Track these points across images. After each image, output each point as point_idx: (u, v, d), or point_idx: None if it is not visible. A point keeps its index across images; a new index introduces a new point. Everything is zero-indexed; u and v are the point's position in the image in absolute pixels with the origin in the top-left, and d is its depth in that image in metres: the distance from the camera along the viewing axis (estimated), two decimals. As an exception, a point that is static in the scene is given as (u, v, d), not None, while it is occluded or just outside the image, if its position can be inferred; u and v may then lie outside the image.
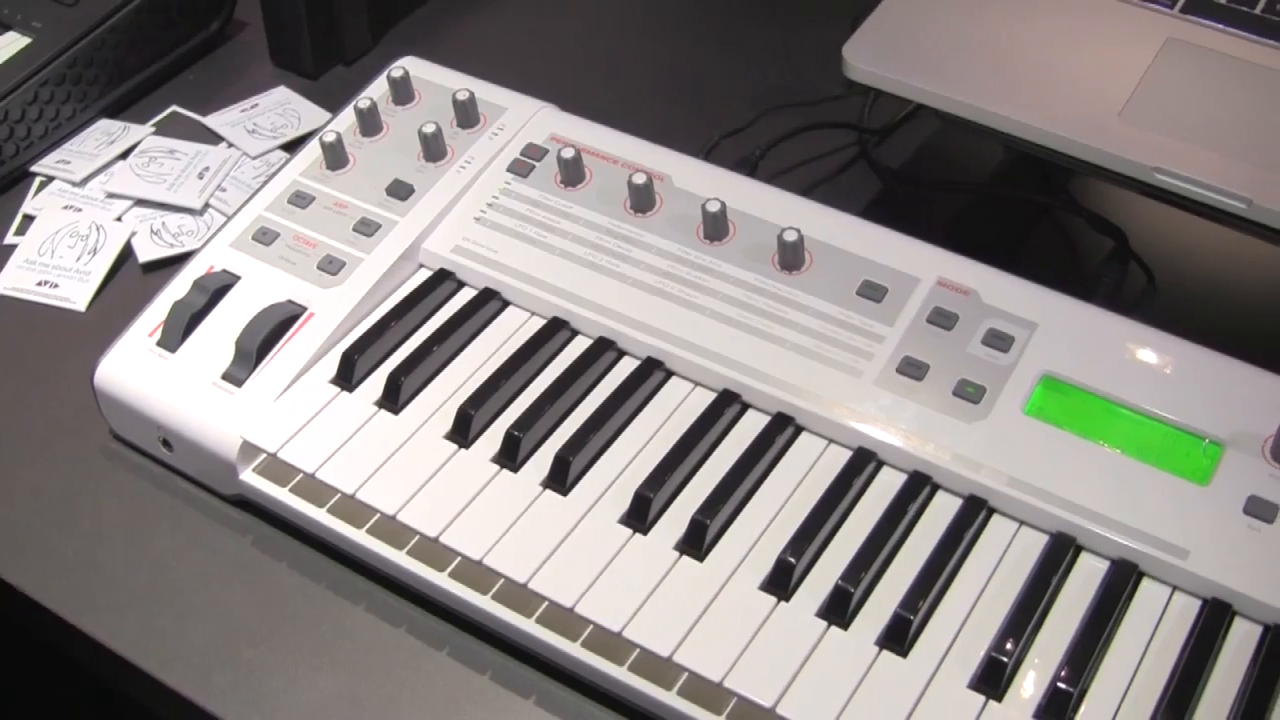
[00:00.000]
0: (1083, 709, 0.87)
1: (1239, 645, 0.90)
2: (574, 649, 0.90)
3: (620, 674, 0.89)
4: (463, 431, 0.99)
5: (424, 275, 1.09)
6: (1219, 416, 0.97)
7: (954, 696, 0.87)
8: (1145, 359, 0.99)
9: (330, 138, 1.13)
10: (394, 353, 1.05)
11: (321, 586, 0.99)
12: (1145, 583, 0.93)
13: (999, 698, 0.87)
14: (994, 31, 1.16)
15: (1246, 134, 1.09)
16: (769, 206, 1.08)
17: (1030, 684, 0.88)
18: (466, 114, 1.15)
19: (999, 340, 1.00)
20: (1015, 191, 1.31)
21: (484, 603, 0.93)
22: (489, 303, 1.07)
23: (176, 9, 1.38)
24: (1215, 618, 0.90)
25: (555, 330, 1.04)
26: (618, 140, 1.14)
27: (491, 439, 0.99)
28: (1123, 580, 0.91)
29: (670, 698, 0.88)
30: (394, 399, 1.01)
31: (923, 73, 1.13)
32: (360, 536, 0.96)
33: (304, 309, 1.06)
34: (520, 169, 1.13)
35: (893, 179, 1.30)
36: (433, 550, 0.95)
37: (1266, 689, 0.87)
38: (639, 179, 1.08)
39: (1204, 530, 0.92)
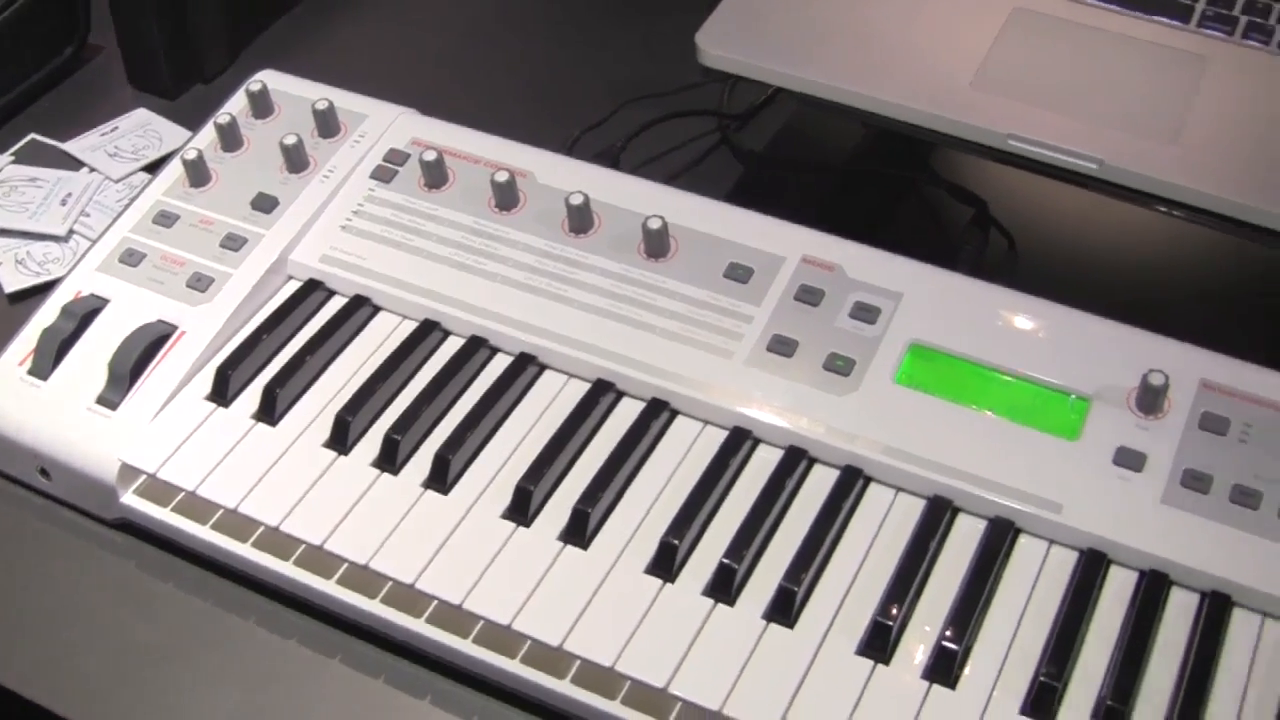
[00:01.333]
0: (969, 666, 0.88)
1: (1116, 593, 0.92)
2: (466, 646, 0.91)
3: (513, 667, 0.90)
4: (341, 438, 0.99)
5: (294, 286, 1.09)
6: (1084, 372, 0.99)
7: (843, 663, 0.88)
8: (1009, 321, 1.01)
9: (191, 155, 1.13)
10: (268, 365, 1.05)
11: (210, 604, 0.99)
12: (1022, 539, 0.95)
13: (887, 661, 0.89)
14: (844, 10, 1.18)
15: (1094, 97, 1.11)
16: (632, 196, 1.09)
17: (917, 646, 0.89)
18: (327, 123, 1.15)
19: (866, 313, 1.02)
20: (876, 168, 1.33)
21: (373, 607, 0.93)
22: (360, 309, 1.07)
23: (27, 36, 1.37)
24: (1092, 568, 0.92)
25: (427, 332, 1.05)
26: (479, 140, 1.15)
27: (370, 444, 0.99)
28: (1000, 538, 0.93)
29: (564, 686, 0.89)
30: (270, 411, 1.01)
31: (776, 56, 1.15)
32: (245, 550, 0.96)
33: (175, 328, 1.05)
34: (383, 175, 1.13)
35: (755, 163, 1.32)
36: (319, 558, 0.95)
37: (1144, 632, 0.89)
38: (501, 177, 1.08)
39: (1076, 484, 0.94)
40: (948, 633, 0.89)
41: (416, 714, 0.92)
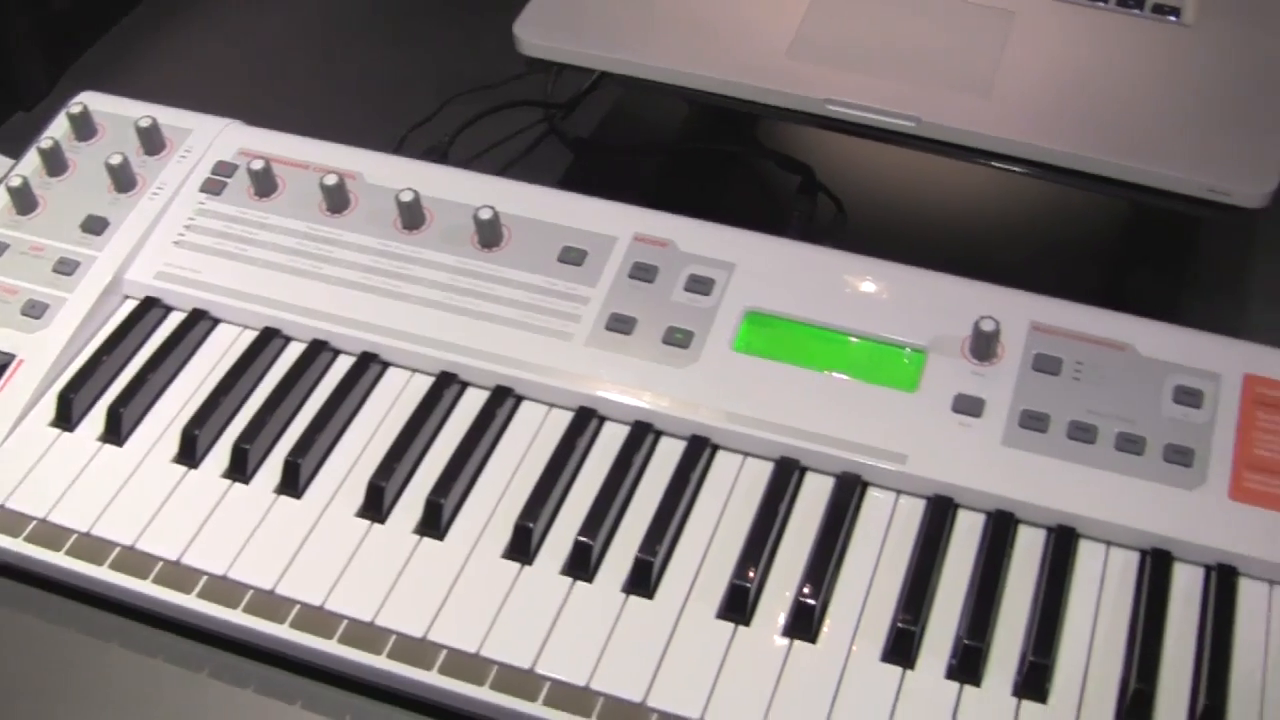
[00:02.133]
0: (828, 620, 0.90)
1: (965, 536, 0.95)
2: (331, 646, 0.91)
3: (380, 663, 0.90)
4: (189, 453, 0.99)
5: (131, 306, 1.09)
6: (918, 325, 1.01)
7: (705, 628, 0.90)
8: (841, 282, 1.03)
9: (16, 182, 1.12)
10: (110, 386, 1.04)
11: (72, 630, 0.98)
12: (871, 491, 0.97)
13: (747, 623, 0.90)
14: (657, -9, 1.20)
15: (908, 57, 1.14)
16: (462, 189, 1.10)
17: (775, 605, 0.91)
18: (151, 141, 1.15)
19: (700, 285, 1.03)
20: (703, 144, 1.34)
21: (235, 616, 0.93)
22: (199, 323, 1.07)
23: None
24: (939, 514, 0.95)
25: (268, 340, 1.05)
26: (305, 146, 1.15)
27: (219, 455, 0.99)
28: (848, 493, 0.95)
29: (432, 677, 0.89)
30: (116, 431, 1.01)
31: (594, 41, 1.16)
32: (102, 573, 0.96)
33: (12, 356, 1.05)
34: (213, 187, 1.13)
35: (583, 149, 1.33)
36: (177, 574, 0.95)
37: (995, 571, 0.92)
38: (330, 180, 1.09)
39: (918, 433, 0.97)
40: (805, 589, 0.90)
41: (286, 718, 0.92)
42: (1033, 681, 0.87)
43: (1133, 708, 0.87)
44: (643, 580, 0.91)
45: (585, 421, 0.99)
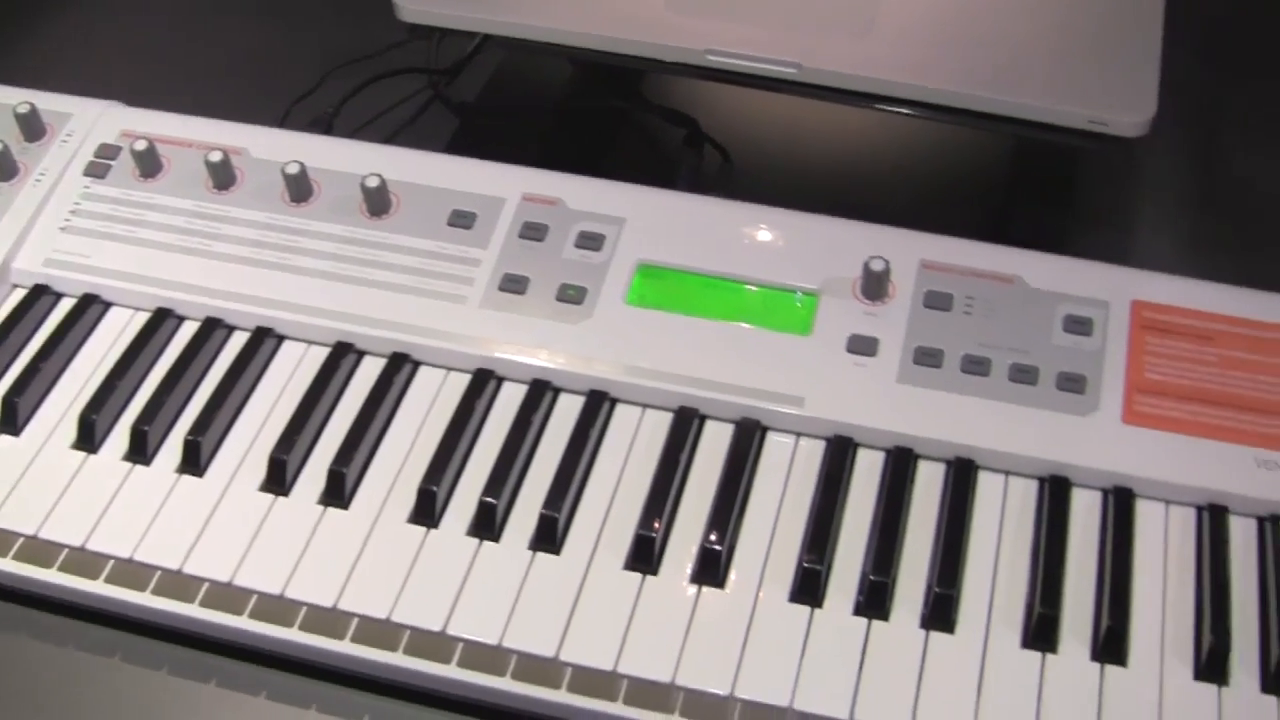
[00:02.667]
0: (735, 565, 0.91)
1: (865, 474, 0.96)
2: (241, 622, 0.91)
3: (291, 634, 0.90)
4: (88, 438, 0.99)
5: (20, 295, 1.08)
6: (808, 269, 1.02)
7: (612, 581, 0.90)
8: (731, 230, 1.04)
9: (-107, 178, 1.11)
10: (3, 377, 1.03)
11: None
12: (770, 435, 0.98)
13: (654, 572, 0.91)
14: (534, -50, 1.19)
15: (786, 3, 1.14)
16: (348, 159, 1.10)
17: (682, 554, 0.92)
18: (31, 127, 1.14)
19: (591, 241, 1.04)
20: (588, 102, 1.34)
21: (143, 599, 0.93)
22: (90, 308, 1.06)
23: None
24: (839, 454, 0.96)
25: (161, 321, 1.05)
26: (189, 124, 1.14)
27: (119, 438, 0.99)
28: (748, 438, 0.96)
29: (346, 646, 0.90)
30: (11, 422, 1.00)
31: (473, 3, 1.16)
32: (6, 564, 0.95)
33: (-99, 354, 1.04)
34: (97, 171, 1.12)
35: (469, 113, 1.33)
36: (82, 560, 0.94)
37: (896, 507, 0.93)
38: (215, 157, 1.08)
39: (814, 376, 0.98)
40: (710, 536, 0.91)
41: (202, 698, 0.92)
42: (939, 612, 0.89)
43: (1038, 632, 0.88)
44: (548, 537, 0.92)
45: (483, 383, 0.99)
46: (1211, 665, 0.87)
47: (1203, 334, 1.00)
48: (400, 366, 1.01)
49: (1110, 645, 0.88)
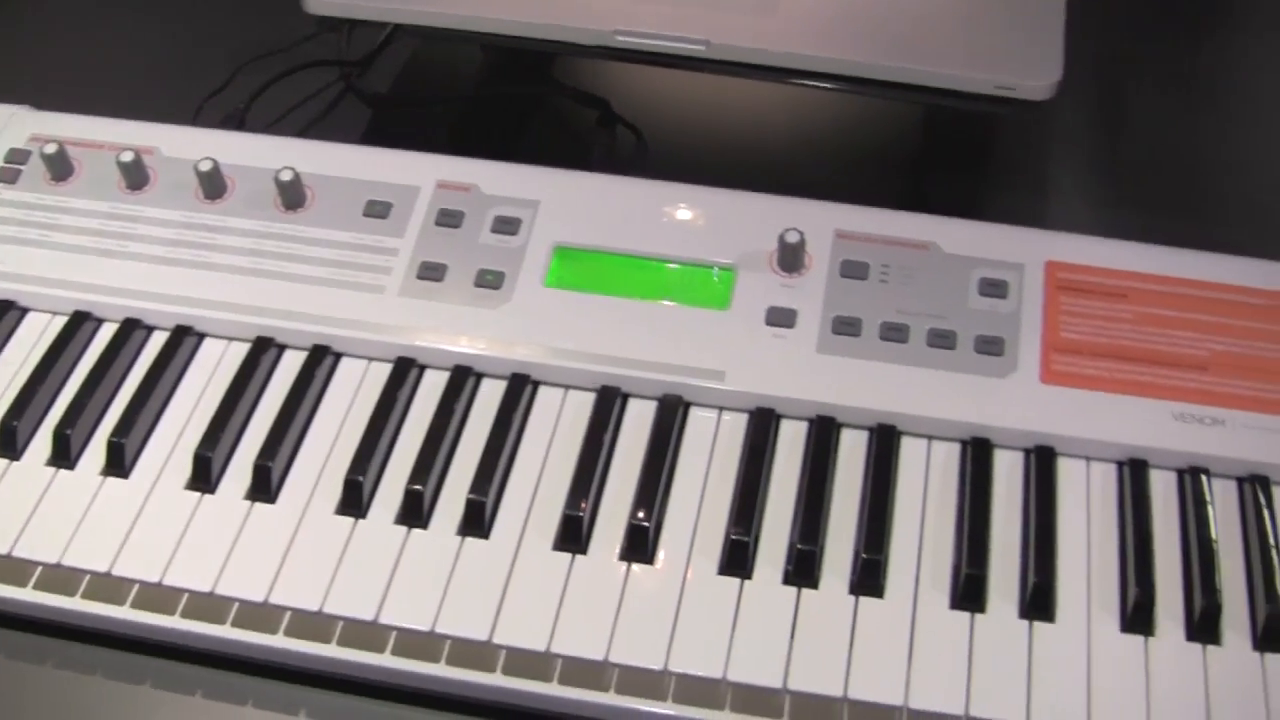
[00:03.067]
0: (663, 540, 0.92)
1: (789, 444, 0.97)
2: (172, 621, 0.91)
3: (223, 631, 0.90)
4: (9, 445, 0.98)
5: (-65, 305, 1.07)
6: (724, 244, 1.03)
7: (542, 562, 0.91)
8: (645, 209, 1.05)
9: None
10: (-81, 387, 1.03)
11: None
12: (694, 411, 0.98)
13: (583, 551, 0.91)
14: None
15: (693, -19, 1.15)
16: (261, 154, 1.10)
17: (611, 532, 0.92)
18: (-64, 137, 1.13)
19: (507, 225, 1.04)
20: (500, 88, 1.34)
21: (74, 604, 0.92)
22: (6, 314, 1.05)
23: None
24: (762, 426, 0.96)
25: (79, 324, 1.04)
26: (99, 125, 1.14)
27: (42, 444, 0.98)
28: (671, 414, 0.97)
29: (278, 640, 0.90)
30: (-69, 432, 0.99)
31: (377, -8, 1.16)
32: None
33: None
34: (7, 176, 1.11)
35: (382, 104, 1.32)
36: (10, 568, 0.93)
37: (821, 476, 0.94)
38: (127, 157, 1.07)
39: (734, 349, 0.98)
40: (639, 513, 0.92)
41: (138, 700, 0.92)
42: (868, 578, 0.90)
43: (966, 592, 0.89)
44: (476, 521, 0.92)
45: (405, 372, 1.00)
46: (1137, 617, 0.89)
47: (1116, 292, 1.01)
48: (321, 359, 1.01)
49: (1037, 602, 0.89)
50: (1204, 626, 0.88)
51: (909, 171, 1.27)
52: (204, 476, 0.95)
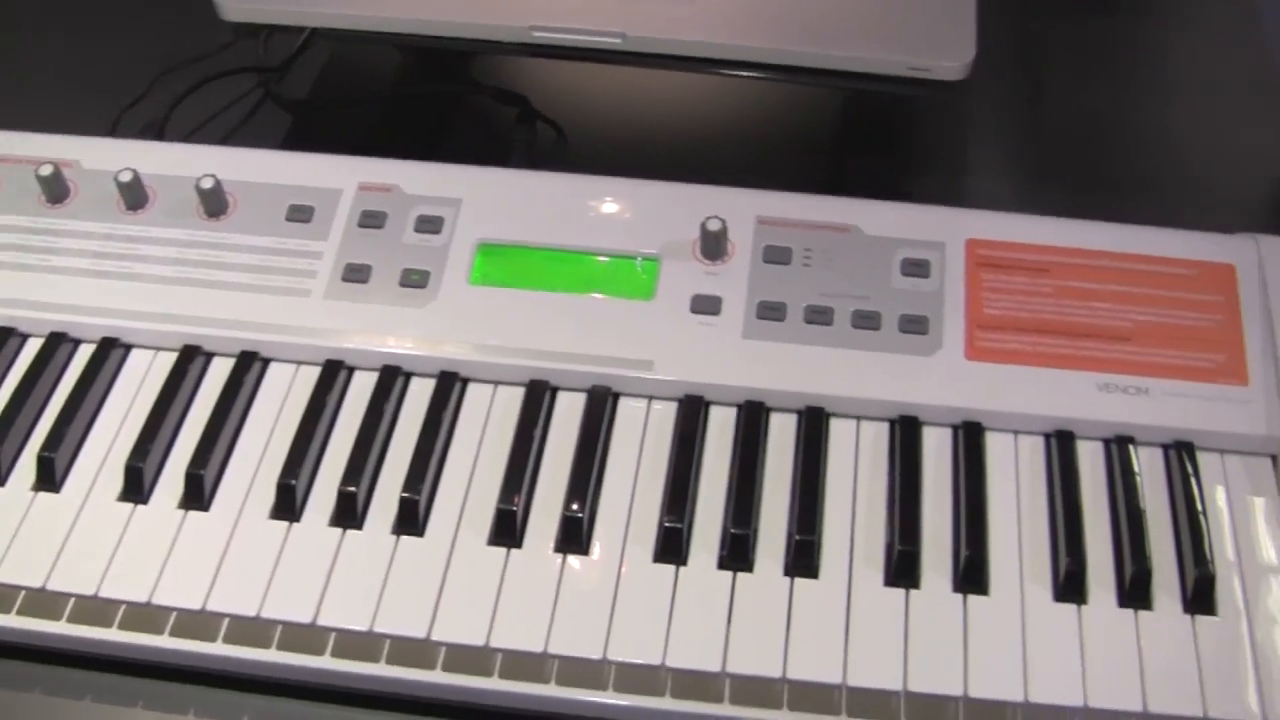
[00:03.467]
0: (597, 530, 0.92)
1: (719, 430, 0.97)
2: (110, 634, 0.91)
3: (163, 641, 0.90)
4: (-69, 463, 0.98)
5: None
6: (647, 235, 1.03)
7: (477, 558, 0.91)
8: (567, 203, 1.05)
9: None
10: None
11: None
12: (623, 401, 0.99)
13: (518, 545, 0.92)
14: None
15: (608, -26, 1.15)
16: (182, 163, 1.09)
17: (545, 524, 0.93)
18: None
19: (430, 224, 1.04)
20: (419, 88, 1.35)
21: (9, 620, 0.92)
22: (-72, 333, 1.05)
23: None
24: (691, 413, 0.97)
25: (3, 341, 1.03)
26: (15, 140, 1.13)
27: (-31, 461, 0.98)
28: (600, 405, 0.97)
29: (217, 648, 0.90)
30: None
31: (290, -4, 1.16)
32: None
33: None
34: (-76, 196, 1.11)
35: (302, 109, 1.32)
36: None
37: (751, 460, 0.95)
38: (46, 171, 1.07)
39: (661, 339, 0.99)
40: (572, 505, 0.92)
41: (72, 714, 0.92)
42: (802, 559, 0.90)
43: (899, 569, 0.90)
44: (410, 520, 0.92)
45: (334, 374, 1.00)
46: (1070, 586, 0.90)
47: (1037, 266, 1.02)
48: (250, 365, 1.01)
49: (970, 575, 0.90)
50: (1135, 592, 0.90)
51: (830, 156, 1.28)
52: (136, 488, 0.95)
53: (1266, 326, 1.00)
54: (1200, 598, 0.89)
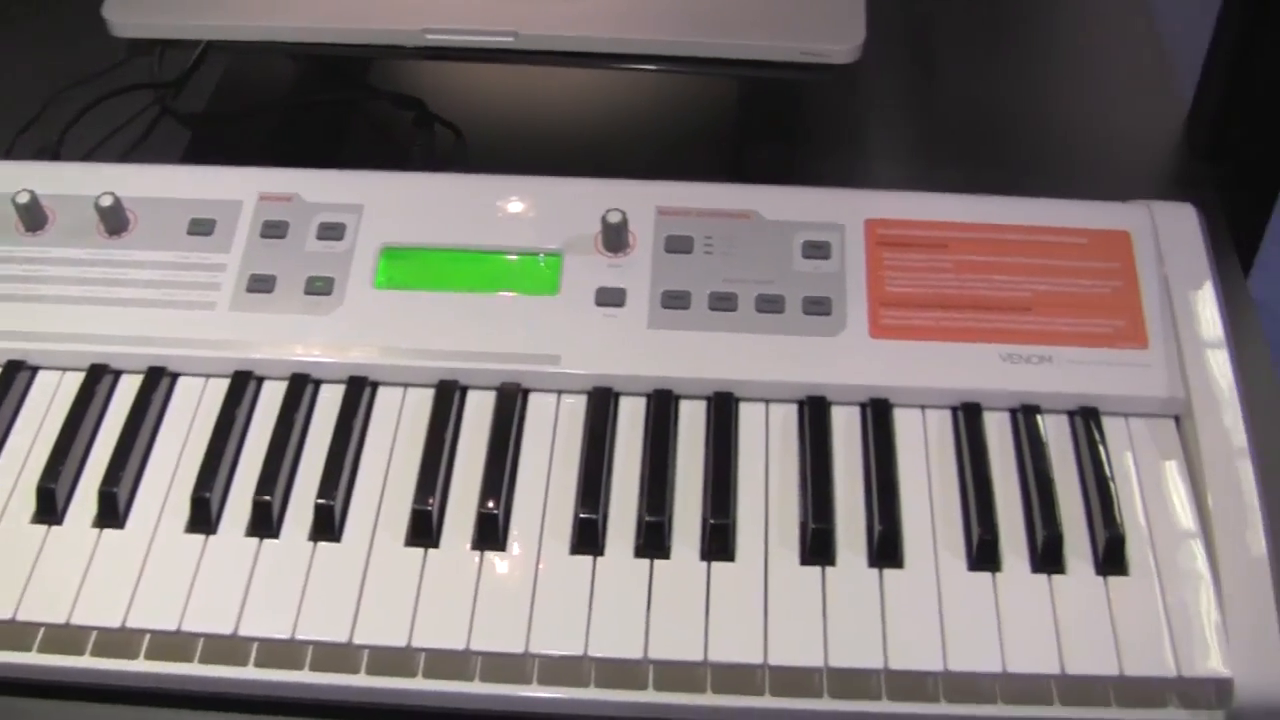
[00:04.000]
0: (513, 527, 0.93)
1: (630, 421, 0.98)
2: (30, 657, 0.90)
3: (84, 662, 0.90)
4: None
5: None
6: (549, 231, 1.04)
7: (395, 559, 0.92)
8: (468, 203, 1.06)
9: None
10: None
11: None
12: (533, 397, 0.99)
13: (436, 545, 0.92)
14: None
15: (497, -26, 1.16)
16: (80, 182, 1.09)
17: (461, 523, 0.93)
18: None
19: (332, 231, 1.04)
20: (316, 97, 1.34)
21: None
22: None
23: None
24: (600, 405, 0.98)
25: (-91, 369, 1.03)
26: (-93, 169, 1.12)
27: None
28: (509, 402, 0.98)
29: (139, 664, 0.90)
30: None
31: (186, 11, 1.15)
32: None
33: None
34: None
35: (200, 123, 1.32)
36: None
37: (663, 450, 0.96)
38: (-60, 197, 1.07)
39: (567, 333, 1.00)
40: (487, 502, 0.93)
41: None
42: (717, 543, 0.91)
43: (815, 547, 0.91)
44: (326, 525, 0.92)
45: (243, 385, 1.00)
46: (983, 554, 0.91)
47: (936, 243, 1.03)
48: (158, 381, 1.00)
49: (885, 549, 0.91)
50: (1048, 557, 0.91)
51: (728, 145, 1.29)
52: (49, 509, 0.94)
53: (1163, 290, 1.01)
54: (1111, 559, 0.91)
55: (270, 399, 1.00)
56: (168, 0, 1.16)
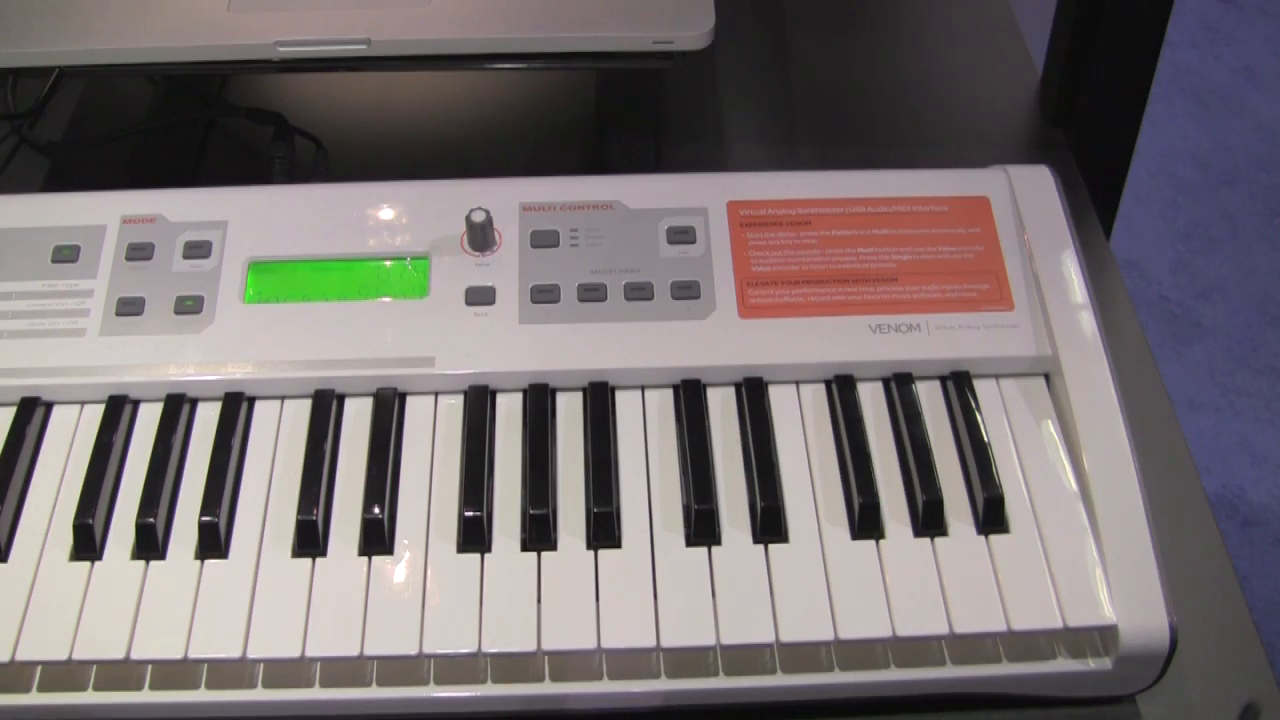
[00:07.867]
0: (399, 530, 0.93)
1: (508, 416, 0.99)
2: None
3: (34, 699, 0.90)
4: None
5: None
6: (414, 234, 1.04)
7: (284, 570, 0.92)
8: (332, 213, 1.06)
9: None
10: None
11: None
12: (410, 400, 1.00)
13: (323, 554, 0.93)
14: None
15: (346, -17, 1.16)
16: (-62, 218, 1.08)
17: (347, 530, 0.93)
18: None
19: (198, 249, 1.04)
20: (174, 117, 1.34)
21: None
22: None
23: None
24: (477, 403, 0.98)
25: None
26: None
27: None
28: (387, 407, 0.98)
29: (32, 697, 0.89)
30: None
31: (34, 38, 1.14)
32: None
33: None
34: None
35: (59, 150, 1.31)
36: None
37: (542, 443, 0.96)
38: None
39: (440, 334, 1.00)
40: (372, 508, 0.93)
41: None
42: (601, 530, 0.92)
43: (699, 528, 0.92)
44: (212, 543, 0.92)
45: (118, 410, 0.99)
46: (865, 523, 0.93)
47: (799, 220, 1.05)
48: (32, 412, 1.00)
49: (769, 525, 0.92)
50: (929, 521, 0.93)
51: (589, 138, 1.29)
52: (-19, 544, 0.94)
53: (1024, 252, 1.04)
54: (992, 518, 0.93)
55: (147, 421, 0.99)
56: (17, 28, 1.15)
